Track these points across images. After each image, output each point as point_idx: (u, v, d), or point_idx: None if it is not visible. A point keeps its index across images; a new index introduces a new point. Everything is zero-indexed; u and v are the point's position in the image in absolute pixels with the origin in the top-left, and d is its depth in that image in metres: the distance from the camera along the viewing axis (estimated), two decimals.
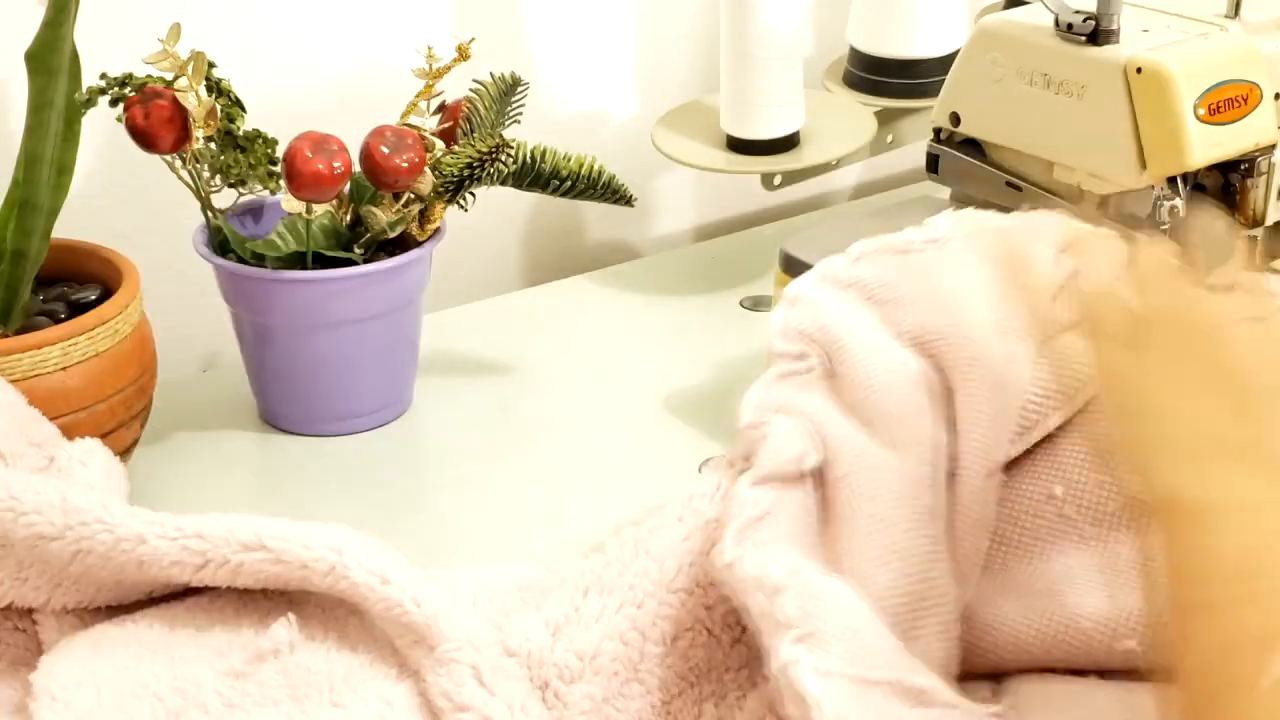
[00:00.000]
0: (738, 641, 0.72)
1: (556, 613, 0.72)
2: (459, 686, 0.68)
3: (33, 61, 0.89)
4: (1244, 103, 0.84)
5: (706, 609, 0.71)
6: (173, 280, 1.12)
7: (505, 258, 1.27)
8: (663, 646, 0.71)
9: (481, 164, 0.95)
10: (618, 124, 1.29)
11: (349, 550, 0.73)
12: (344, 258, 0.97)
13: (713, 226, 1.36)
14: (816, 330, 0.75)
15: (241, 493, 0.96)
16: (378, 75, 1.16)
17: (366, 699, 0.69)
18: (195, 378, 1.11)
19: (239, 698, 0.71)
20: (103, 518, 0.74)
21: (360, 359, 0.98)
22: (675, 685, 0.71)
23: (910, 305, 0.75)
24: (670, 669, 0.71)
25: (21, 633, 0.78)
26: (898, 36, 1.21)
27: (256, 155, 0.96)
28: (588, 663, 0.70)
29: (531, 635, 0.71)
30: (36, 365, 0.88)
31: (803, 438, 0.71)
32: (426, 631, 0.70)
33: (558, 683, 0.70)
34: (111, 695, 0.71)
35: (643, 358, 1.09)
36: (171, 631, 0.76)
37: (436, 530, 0.91)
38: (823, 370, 0.74)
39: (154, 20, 1.04)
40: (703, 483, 0.75)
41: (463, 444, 1.00)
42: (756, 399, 0.74)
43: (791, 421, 0.72)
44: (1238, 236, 0.82)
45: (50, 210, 0.92)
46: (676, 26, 1.29)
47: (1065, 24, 0.86)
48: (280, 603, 0.77)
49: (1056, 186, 0.89)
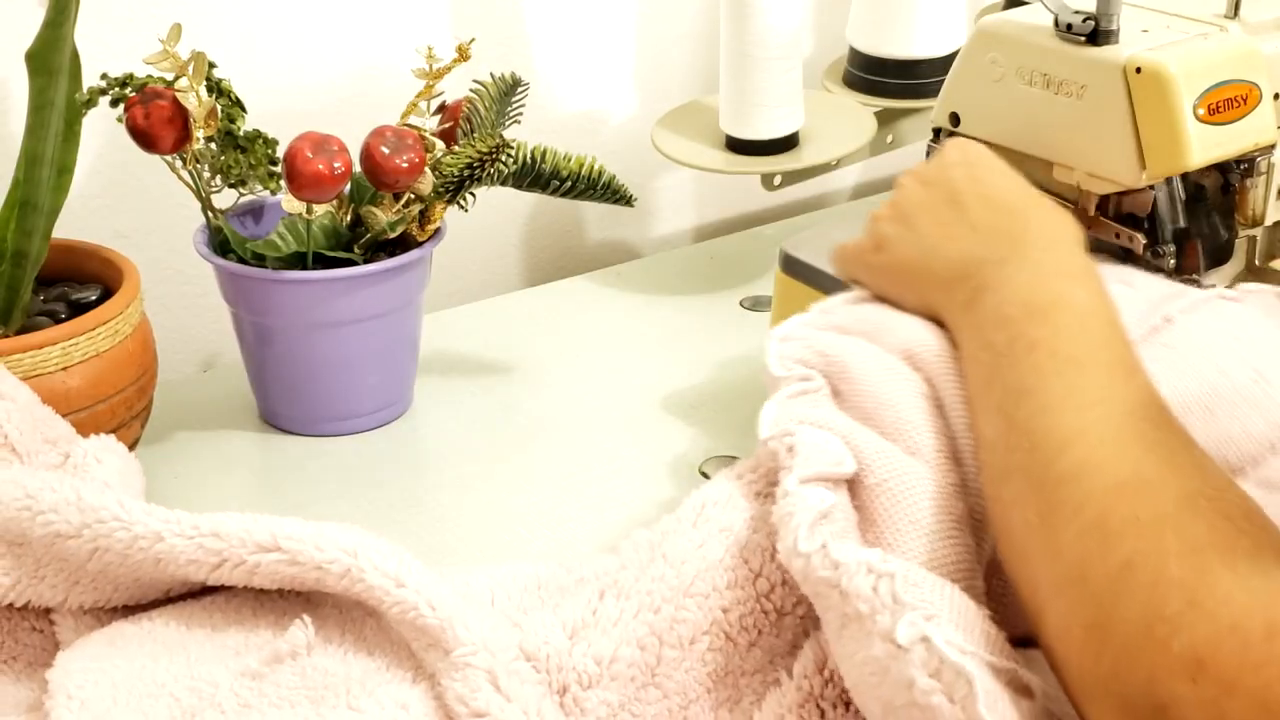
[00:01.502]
0: (753, 645, 0.72)
1: (573, 615, 0.72)
2: (475, 692, 0.68)
3: (33, 62, 0.89)
4: (1243, 103, 0.84)
5: (723, 612, 0.71)
6: (173, 280, 1.12)
7: (505, 258, 1.27)
8: (680, 651, 0.71)
9: (481, 164, 0.95)
10: (618, 124, 1.29)
11: (364, 553, 0.73)
12: (344, 258, 0.97)
13: (713, 226, 1.36)
14: (815, 356, 0.77)
15: (241, 493, 0.96)
16: (378, 75, 1.16)
17: (383, 703, 0.69)
18: (195, 378, 1.11)
19: (255, 698, 0.71)
20: (119, 515, 0.75)
21: (360, 359, 0.98)
22: (692, 690, 0.71)
23: (891, 330, 0.78)
24: (688, 673, 0.71)
25: (39, 633, 0.78)
26: (898, 37, 1.21)
27: (257, 155, 0.96)
28: (605, 668, 0.70)
29: (550, 639, 0.71)
30: (37, 365, 0.88)
31: (837, 444, 0.72)
32: (442, 635, 0.70)
33: (576, 688, 0.70)
34: (128, 694, 0.71)
35: (643, 358, 1.09)
36: (188, 630, 0.76)
37: (437, 530, 0.91)
38: (830, 390, 0.76)
39: (154, 20, 1.04)
40: (714, 490, 0.75)
41: (463, 444, 1.00)
42: (774, 415, 0.74)
43: (821, 431, 0.72)
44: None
45: (51, 210, 0.92)
46: (676, 26, 1.29)
47: (1065, 24, 0.86)
48: (296, 603, 0.77)
49: (1056, 186, 0.89)
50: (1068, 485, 0.63)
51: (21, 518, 0.76)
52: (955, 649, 0.61)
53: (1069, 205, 0.88)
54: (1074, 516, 0.62)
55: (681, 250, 1.29)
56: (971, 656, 0.62)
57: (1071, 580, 0.60)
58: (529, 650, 0.70)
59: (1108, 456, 0.64)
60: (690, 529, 0.73)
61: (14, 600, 0.77)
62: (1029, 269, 0.74)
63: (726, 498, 0.74)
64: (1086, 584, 0.60)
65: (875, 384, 0.75)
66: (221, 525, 0.74)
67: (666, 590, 0.71)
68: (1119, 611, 0.57)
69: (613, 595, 0.72)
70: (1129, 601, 0.57)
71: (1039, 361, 0.69)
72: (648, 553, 0.73)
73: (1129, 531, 0.59)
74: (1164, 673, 0.55)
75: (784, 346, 0.79)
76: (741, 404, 1.01)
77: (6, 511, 0.76)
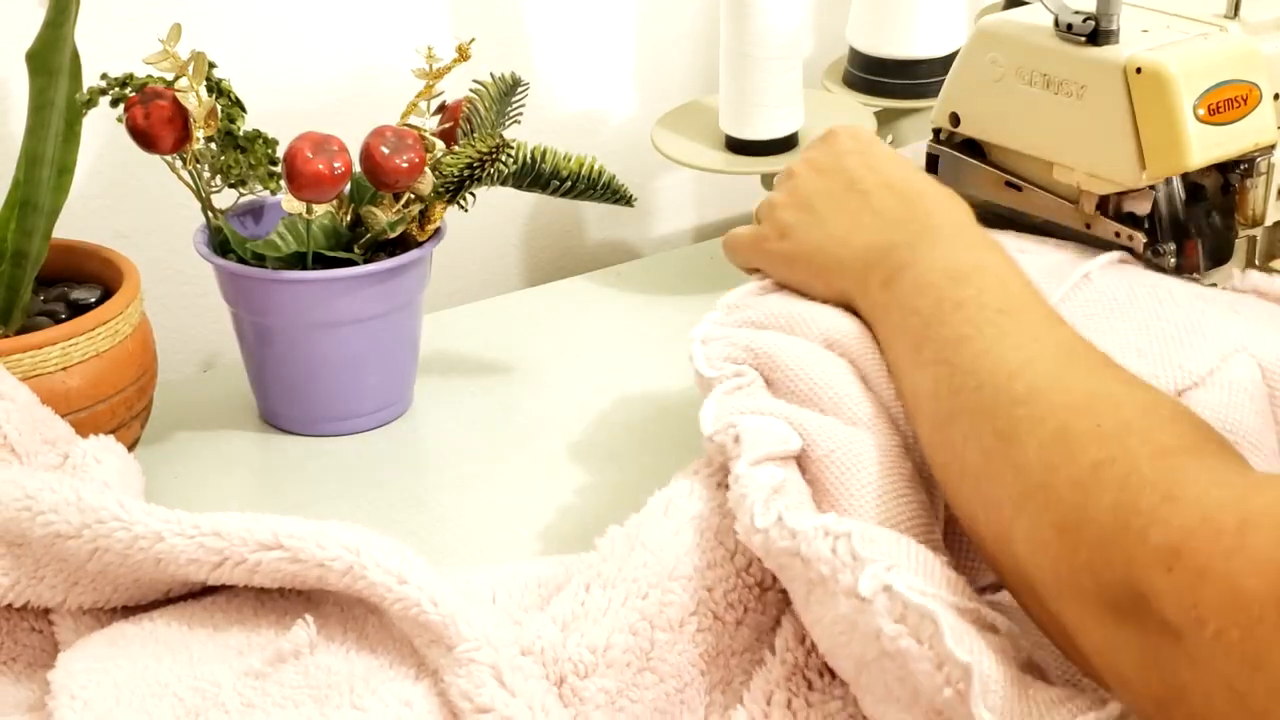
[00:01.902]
0: (740, 624, 0.73)
1: (562, 610, 0.72)
2: (479, 687, 0.68)
3: (33, 62, 0.89)
4: (1243, 103, 0.84)
5: (708, 591, 0.72)
6: (173, 280, 1.12)
7: (505, 258, 1.27)
8: (671, 633, 0.72)
9: (481, 164, 0.95)
10: (618, 124, 1.29)
11: (366, 550, 0.73)
12: (344, 258, 0.97)
13: (713, 226, 1.36)
14: (741, 352, 0.81)
15: (241, 493, 0.96)
16: (378, 75, 1.16)
17: (386, 701, 0.69)
18: (195, 378, 1.11)
19: (259, 698, 0.71)
20: (119, 515, 0.75)
21: (360, 359, 0.98)
22: (686, 673, 0.72)
23: (806, 321, 0.82)
24: (681, 655, 0.72)
25: (38, 633, 0.78)
26: (898, 37, 1.21)
27: (257, 155, 0.96)
28: (600, 655, 0.70)
29: (543, 633, 0.71)
30: (37, 365, 0.88)
31: (780, 425, 0.75)
32: (444, 631, 0.70)
33: (573, 678, 0.70)
34: (131, 694, 0.71)
35: (643, 358, 1.09)
36: (190, 630, 0.76)
37: (437, 530, 0.91)
38: (763, 381, 0.79)
39: (154, 20, 1.04)
40: (675, 488, 0.77)
41: (463, 444, 1.00)
42: (713, 412, 0.77)
43: (762, 417, 0.75)
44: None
45: (51, 210, 0.92)
46: (676, 26, 1.29)
47: (1065, 24, 0.86)
48: (298, 602, 0.77)
49: (1056, 186, 0.89)
50: (1023, 405, 0.65)
51: (21, 518, 0.76)
52: (916, 593, 0.63)
53: (1069, 205, 0.88)
54: (1034, 430, 0.64)
55: (681, 250, 1.29)
56: (934, 598, 0.63)
57: (1040, 486, 0.62)
58: (524, 646, 0.71)
59: (1059, 378, 0.66)
60: (662, 518, 0.75)
61: (13, 601, 0.77)
62: (943, 245, 0.77)
63: (689, 491, 0.76)
64: (1055, 489, 0.61)
65: (805, 367, 0.78)
66: (222, 524, 0.74)
67: (651, 576, 0.72)
68: (1089, 512, 0.59)
69: (598, 586, 0.73)
70: (1100, 499, 0.59)
71: (970, 314, 0.72)
72: (625, 544, 0.74)
73: (1092, 438, 0.61)
74: (1140, 564, 0.56)
75: (707, 348, 0.82)
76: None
77: (6, 512, 0.76)
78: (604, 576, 0.73)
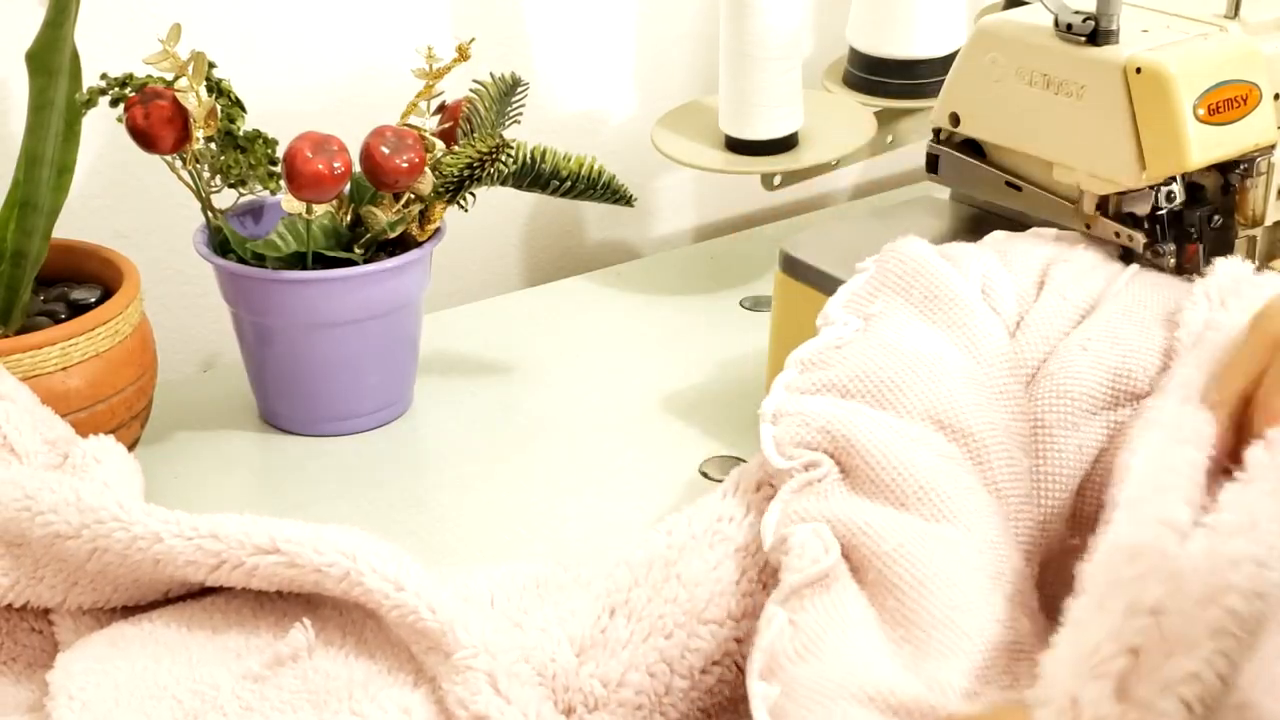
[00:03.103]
0: None
1: (581, 631, 0.71)
2: (475, 695, 0.68)
3: (33, 62, 0.89)
4: (1243, 103, 0.84)
5: (737, 643, 0.70)
6: (173, 280, 1.12)
7: (505, 258, 1.27)
8: (689, 680, 0.70)
9: (481, 164, 0.95)
10: (618, 124, 1.29)
11: (363, 556, 0.73)
12: (344, 258, 0.97)
13: (713, 226, 1.36)
14: (816, 435, 0.72)
15: (241, 493, 0.96)
16: (378, 75, 1.16)
17: (385, 707, 0.69)
18: (195, 378, 1.11)
19: (257, 701, 0.71)
20: (119, 516, 0.75)
21: (360, 359, 0.98)
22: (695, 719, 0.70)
23: (904, 390, 0.73)
24: (694, 703, 0.70)
25: (38, 634, 0.78)
26: (897, 37, 1.21)
27: (257, 155, 0.96)
28: (612, 691, 0.69)
29: (557, 655, 0.70)
30: (36, 365, 0.88)
31: (823, 536, 0.68)
32: (442, 638, 0.70)
33: (582, 709, 0.69)
34: (130, 695, 0.71)
35: (643, 358, 1.09)
36: (189, 632, 0.76)
37: (437, 530, 0.91)
38: (838, 473, 0.71)
39: (154, 20, 1.04)
40: (729, 506, 0.73)
41: (463, 444, 1.00)
42: (776, 518, 0.70)
43: (811, 527, 0.69)
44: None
45: (50, 210, 0.92)
46: (676, 26, 1.29)
47: (1065, 24, 0.86)
48: (297, 604, 0.77)
49: (1056, 187, 0.89)
50: None
51: (20, 518, 0.76)
52: None
53: (1069, 205, 0.88)
54: None
55: (681, 250, 1.29)
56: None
57: None
58: (536, 665, 0.70)
59: None
60: (706, 550, 0.72)
61: (13, 601, 0.77)
62: None
63: (741, 516, 0.72)
64: None
65: (886, 454, 0.70)
66: (220, 526, 0.74)
67: (680, 615, 0.70)
68: None
69: (623, 615, 0.71)
70: None
71: None
72: (662, 571, 0.71)
73: None
74: None
75: (780, 428, 0.73)
76: (741, 404, 1.01)
77: (5, 512, 0.76)
78: (631, 604, 0.71)
